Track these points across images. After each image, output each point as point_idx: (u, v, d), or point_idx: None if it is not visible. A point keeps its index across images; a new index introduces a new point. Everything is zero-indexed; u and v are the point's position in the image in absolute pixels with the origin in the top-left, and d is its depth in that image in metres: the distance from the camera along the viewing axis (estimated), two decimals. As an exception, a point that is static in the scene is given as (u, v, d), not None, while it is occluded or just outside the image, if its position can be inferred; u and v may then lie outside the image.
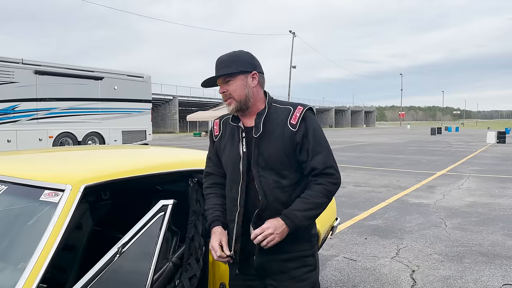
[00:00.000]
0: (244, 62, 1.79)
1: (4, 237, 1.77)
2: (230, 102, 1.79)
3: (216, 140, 1.93)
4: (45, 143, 14.13)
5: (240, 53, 1.83)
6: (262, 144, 1.75)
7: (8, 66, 13.17)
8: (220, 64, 1.79)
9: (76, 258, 2.29)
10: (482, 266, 4.22)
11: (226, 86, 1.78)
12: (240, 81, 1.77)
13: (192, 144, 25.39)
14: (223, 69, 1.77)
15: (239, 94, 1.77)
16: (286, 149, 1.73)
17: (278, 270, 1.77)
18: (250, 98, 1.79)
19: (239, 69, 1.77)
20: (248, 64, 1.80)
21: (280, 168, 1.74)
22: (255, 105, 1.82)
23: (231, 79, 1.77)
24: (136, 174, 2.07)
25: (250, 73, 1.79)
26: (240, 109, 1.80)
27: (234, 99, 1.78)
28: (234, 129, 1.84)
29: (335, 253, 4.62)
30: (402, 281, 3.82)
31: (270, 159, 1.73)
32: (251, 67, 1.80)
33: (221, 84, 1.81)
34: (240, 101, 1.78)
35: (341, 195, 7.99)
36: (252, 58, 1.83)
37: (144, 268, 1.70)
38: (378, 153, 18.36)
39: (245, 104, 1.79)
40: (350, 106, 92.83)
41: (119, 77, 16.61)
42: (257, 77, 1.81)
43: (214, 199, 1.91)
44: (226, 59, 1.79)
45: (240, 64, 1.78)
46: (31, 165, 2.27)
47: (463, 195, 8.10)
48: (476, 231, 5.52)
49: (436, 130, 43.78)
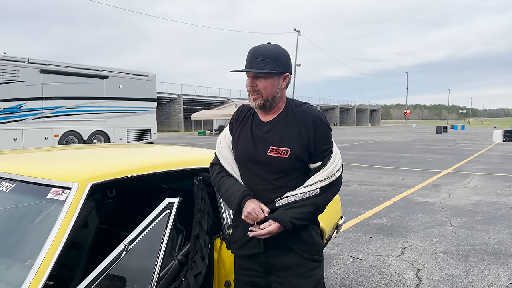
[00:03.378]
0: (282, 63, 1.74)
1: (12, 235, 1.79)
2: (257, 98, 1.75)
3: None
4: (51, 141, 14.21)
5: (280, 51, 1.76)
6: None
7: (14, 65, 13.26)
8: (257, 57, 1.72)
9: (82, 256, 2.31)
10: (487, 265, 4.20)
11: (257, 81, 1.73)
12: (273, 81, 1.73)
13: (196, 143, 25.43)
14: (260, 64, 1.70)
15: (268, 92, 1.73)
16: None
17: (283, 267, 1.77)
18: (277, 98, 1.77)
19: (276, 70, 1.72)
20: (285, 65, 1.76)
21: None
22: (278, 105, 1.80)
23: (264, 77, 1.72)
24: (142, 172, 2.08)
25: (283, 74, 1.76)
26: (264, 107, 1.77)
27: (262, 96, 1.74)
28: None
29: (340, 251, 4.62)
30: (407, 280, 3.81)
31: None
32: (286, 69, 1.76)
33: (251, 77, 1.74)
34: (267, 99, 1.74)
35: (346, 193, 7.99)
36: (289, 59, 1.79)
37: (150, 265, 1.71)
38: (383, 152, 18.31)
39: (270, 103, 1.76)
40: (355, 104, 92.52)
41: (124, 76, 16.67)
42: (287, 79, 1.78)
43: (231, 178, 1.86)
44: (265, 54, 1.72)
45: (278, 64, 1.72)
46: (38, 163, 2.29)
47: (469, 194, 8.06)
48: (482, 230, 5.50)
49: (441, 128, 43.54)
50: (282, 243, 1.77)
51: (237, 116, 1.93)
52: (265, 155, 1.75)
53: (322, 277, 1.85)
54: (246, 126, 1.85)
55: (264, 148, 1.76)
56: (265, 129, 1.79)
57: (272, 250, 1.76)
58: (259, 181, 1.77)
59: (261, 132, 1.79)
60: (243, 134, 1.85)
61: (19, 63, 13.39)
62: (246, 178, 1.82)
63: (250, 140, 1.80)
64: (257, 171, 1.78)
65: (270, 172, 1.76)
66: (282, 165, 1.74)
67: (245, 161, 1.82)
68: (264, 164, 1.76)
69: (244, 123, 1.88)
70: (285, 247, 1.78)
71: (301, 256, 1.78)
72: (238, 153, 1.86)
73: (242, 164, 1.84)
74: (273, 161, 1.74)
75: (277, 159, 1.73)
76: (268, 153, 1.74)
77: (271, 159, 1.74)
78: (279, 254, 1.78)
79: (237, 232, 1.88)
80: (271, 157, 1.74)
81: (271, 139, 1.76)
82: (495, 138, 26.95)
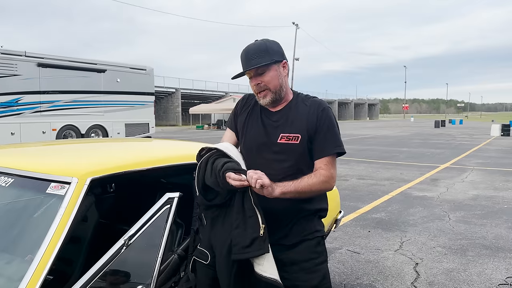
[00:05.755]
0: (275, 52, 1.73)
1: (12, 230, 1.78)
2: (266, 94, 1.74)
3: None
4: (48, 135, 14.17)
5: (269, 42, 1.76)
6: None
7: (11, 58, 13.17)
8: (251, 55, 1.71)
9: (82, 250, 2.31)
10: (485, 259, 4.22)
11: (260, 78, 1.72)
12: (274, 71, 1.72)
13: (195, 137, 25.41)
14: (256, 59, 1.69)
15: (274, 84, 1.72)
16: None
17: (289, 262, 1.77)
18: (284, 88, 1.76)
19: (273, 59, 1.71)
20: (279, 53, 1.75)
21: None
22: (286, 95, 1.80)
23: (265, 70, 1.71)
24: (141, 167, 2.07)
25: (281, 62, 1.75)
26: (275, 101, 1.76)
27: (270, 91, 1.73)
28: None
29: (339, 245, 4.64)
30: (405, 274, 3.83)
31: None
32: (282, 56, 1.76)
33: (253, 76, 1.73)
34: (275, 91, 1.73)
35: (345, 188, 8.00)
36: (280, 48, 1.78)
37: (150, 260, 1.71)
38: (381, 146, 18.33)
39: (279, 94, 1.75)
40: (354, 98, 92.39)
41: (121, 69, 16.59)
42: (287, 66, 1.78)
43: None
44: (257, 49, 1.71)
45: (272, 53, 1.71)
46: (37, 158, 2.28)
47: (467, 188, 8.09)
48: (480, 224, 5.52)
49: (440, 123, 43.62)
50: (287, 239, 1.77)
51: (243, 103, 1.92)
52: (276, 143, 1.75)
53: (327, 272, 1.85)
54: (255, 115, 1.84)
55: (275, 135, 1.75)
56: (274, 118, 1.79)
57: (277, 246, 1.74)
58: (269, 169, 1.72)
59: (271, 121, 1.79)
60: (252, 123, 1.83)
61: (16, 57, 13.31)
62: (257, 166, 1.78)
63: (261, 128, 1.79)
64: (269, 159, 1.76)
65: (280, 160, 1.74)
66: (293, 152, 1.73)
67: (256, 150, 1.80)
68: (276, 152, 1.75)
69: (251, 112, 1.86)
70: (291, 243, 1.77)
71: (306, 251, 1.78)
72: (248, 142, 1.83)
73: (253, 153, 1.82)
74: (284, 148, 1.74)
75: (288, 146, 1.73)
76: (279, 140, 1.74)
77: (282, 146, 1.74)
78: (284, 249, 1.77)
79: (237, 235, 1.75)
80: (282, 144, 1.74)
81: (281, 127, 1.75)
82: (493, 133, 27.01)
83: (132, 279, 1.70)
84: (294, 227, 1.79)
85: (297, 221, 1.79)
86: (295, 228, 1.79)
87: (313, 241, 1.81)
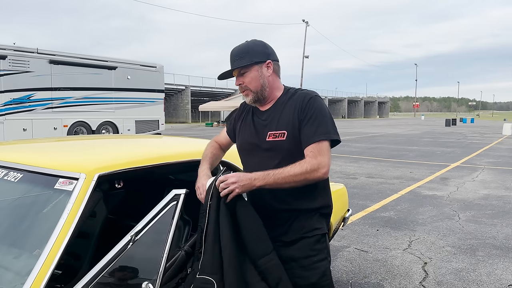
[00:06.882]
0: (257, 52, 1.80)
1: (20, 224, 1.80)
2: (247, 94, 1.82)
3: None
4: (60, 132, 14.34)
5: (253, 43, 1.83)
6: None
7: (24, 55, 13.34)
8: (234, 56, 1.80)
9: (90, 245, 2.33)
10: (495, 259, 4.17)
11: (242, 78, 1.81)
12: (255, 72, 1.79)
13: (204, 134, 25.47)
14: (237, 61, 1.78)
15: (255, 85, 1.80)
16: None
17: (288, 259, 1.78)
18: (266, 88, 1.82)
19: (253, 60, 1.78)
20: (261, 54, 1.81)
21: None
22: (272, 94, 1.85)
23: (246, 71, 1.79)
24: (149, 163, 2.09)
25: (264, 63, 1.80)
26: (257, 100, 1.84)
27: (251, 91, 1.81)
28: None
29: (347, 244, 4.62)
30: (414, 273, 3.81)
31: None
32: (265, 57, 1.81)
33: (237, 76, 1.83)
34: (256, 92, 1.81)
35: (353, 186, 7.96)
36: (265, 47, 1.83)
37: (157, 256, 1.72)
38: (391, 145, 18.20)
39: (261, 94, 1.82)
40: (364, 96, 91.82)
41: (132, 67, 16.71)
42: (271, 65, 1.82)
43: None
44: (239, 51, 1.80)
45: (253, 55, 1.78)
46: (46, 154, 2.30)
47: (477, 188, 8.00)
48: (490, 224, 5.46)
49: (450, 121, 43.17)
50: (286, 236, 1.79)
51: (240, 111, 2.02)
52: (265, 141, 1.80)
53: (328, 269, 1.85)
54: (248, 117, 1.93)
55: (264, 134, 1.82)
56: (263, 117, 1.86)
57: (277, 242, 1.77)
58: (262, 168, 1.76)
59: (260, 120, 1.86)
60: (245, 124, 1.92)
61: (28, 54, 13.48)
62: (250, 165, 1.87)
63: (251, 128, 1.87)
64: (260, 158, 1.83)
65: (271, 158, 1.79)
66: (281, 149, 1.77)
67: (248, 149, 1.89)
68: (265, 150, 1.81)
69: (246, 113, 1.96)
70: (290, 240, 1.80)
71: (305, 248, 1.79)
72: (240, 141, 1.94)
73: (245, 152, 1.91)
74: (273, 146, 1.79)
75: (276, 143, 1.78)
76: (267, 138, 1.80)
77: (271, 144, 1.79)
78: (283, 246, 1.79)
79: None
80: (270, 142, 1.79)
81: (269, 125, 1.81)
82: (505, 132, 26.67)
83: (139, 274, 1.71)
84: (293, 225, 1.83)
85: (296, 218, 1.83)
86: (294, 225, 1.82)
87: (312, 238, 1.82)
